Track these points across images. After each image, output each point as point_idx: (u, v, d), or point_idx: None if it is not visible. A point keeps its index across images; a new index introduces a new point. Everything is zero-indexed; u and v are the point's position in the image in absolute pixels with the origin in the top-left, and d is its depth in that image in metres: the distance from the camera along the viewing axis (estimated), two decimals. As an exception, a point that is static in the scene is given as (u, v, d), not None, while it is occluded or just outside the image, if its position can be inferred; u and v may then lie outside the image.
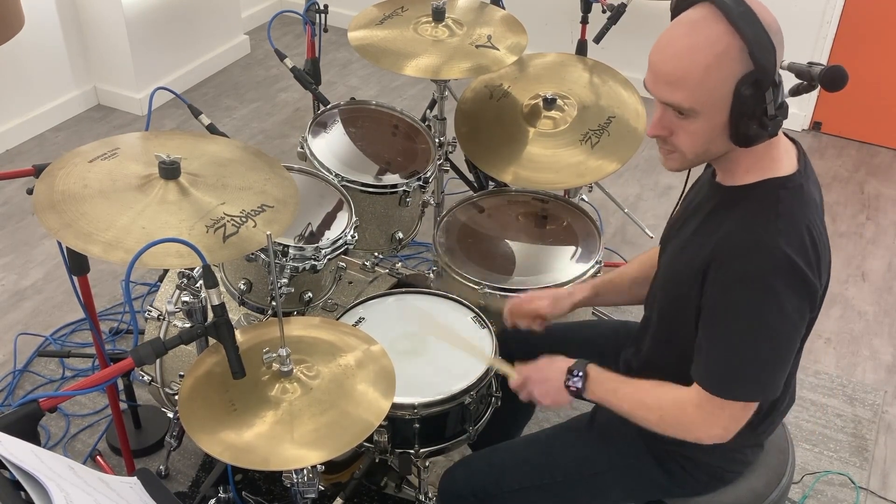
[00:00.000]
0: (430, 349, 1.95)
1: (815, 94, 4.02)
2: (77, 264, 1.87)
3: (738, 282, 1.42)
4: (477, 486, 1.77)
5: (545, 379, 1.65)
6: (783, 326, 1.43)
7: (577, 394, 1.61)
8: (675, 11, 1.42)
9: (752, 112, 1.37)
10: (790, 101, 1.50)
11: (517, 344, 2.00)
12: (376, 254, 2.37)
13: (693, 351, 1.55)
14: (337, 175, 2.28)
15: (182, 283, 1.69)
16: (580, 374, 1.60)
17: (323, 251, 2.00)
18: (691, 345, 1.56)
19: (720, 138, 1.42)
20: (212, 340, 1.59)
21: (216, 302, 1.49)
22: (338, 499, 2.03)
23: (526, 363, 1.72)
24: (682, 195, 1.85)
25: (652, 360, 1.70)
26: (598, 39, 2.85)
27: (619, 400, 1.58)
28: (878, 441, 2.61)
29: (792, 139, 1.53)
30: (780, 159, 1.47)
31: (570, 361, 1.64)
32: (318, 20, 2.72)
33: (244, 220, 1.63)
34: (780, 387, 1.48)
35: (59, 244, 1.80)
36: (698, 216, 1.57)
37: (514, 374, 1.71)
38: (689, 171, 1.60)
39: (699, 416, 1.49)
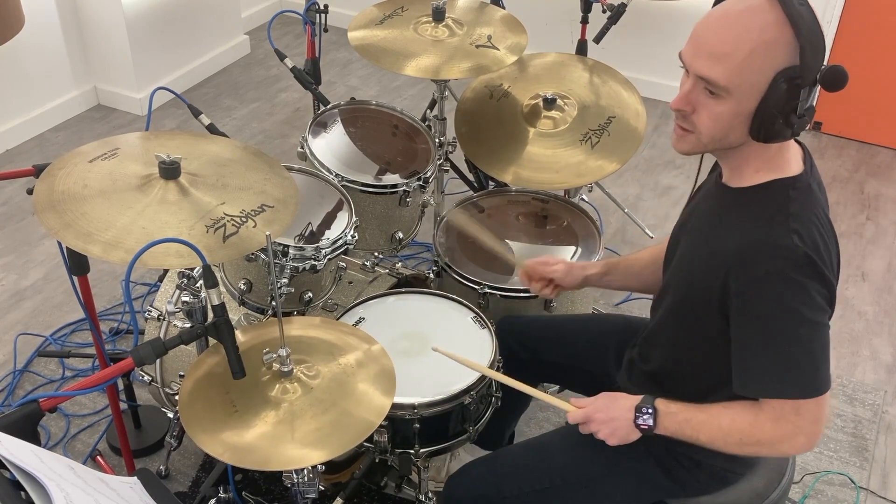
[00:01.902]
0: (430, 349, 1.94)
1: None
2: (77, 264, 1.87)
3: (763, 284, 1.40)
4: (477, 494, 1.77)
5: (612, 419, 1.57)
6: (817, 316, 1.41)
7: (648, 431, 1.55)
8: None
9: (783, 107, 1.36)
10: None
11: (516, 338, 2.00)
12: (376, 254, 2.37)
13: (709, 356, 1.54)
14: (337, 175, 2.28)
15: (182, 283, 1.69)
16: (650, 410, 1.54)
17: (323, 251, 2.00)
18: (707, 350, 1.54)
19: (741, 127, 1.41)
20: (212, 340, 1.59)
21: (216, 302, 1.49)
22: (338, 499, 2.02)
23: (581, 398, 1.65)
24: (695, 187, 1.73)
25: (666, 368, 1.67)
26: (598, 39, 2.85)
27: (695, 431, 1.51)
28: (878, 441, 2.61)
29: (797, 140, 1.52)
30: (788, 160, 1.47)
31: (635, 399, 1.56)
32: (318, 20, 2.72)
33: (244, 220, 1.63)
34: (830, 376, 1.44)
35: (59, 244, 1.79)
36: (707, 222, 1.56)
37: (572, 409, 1.63)
38: (700, 163, 1.60)
39: (779, 429, 1.44)
